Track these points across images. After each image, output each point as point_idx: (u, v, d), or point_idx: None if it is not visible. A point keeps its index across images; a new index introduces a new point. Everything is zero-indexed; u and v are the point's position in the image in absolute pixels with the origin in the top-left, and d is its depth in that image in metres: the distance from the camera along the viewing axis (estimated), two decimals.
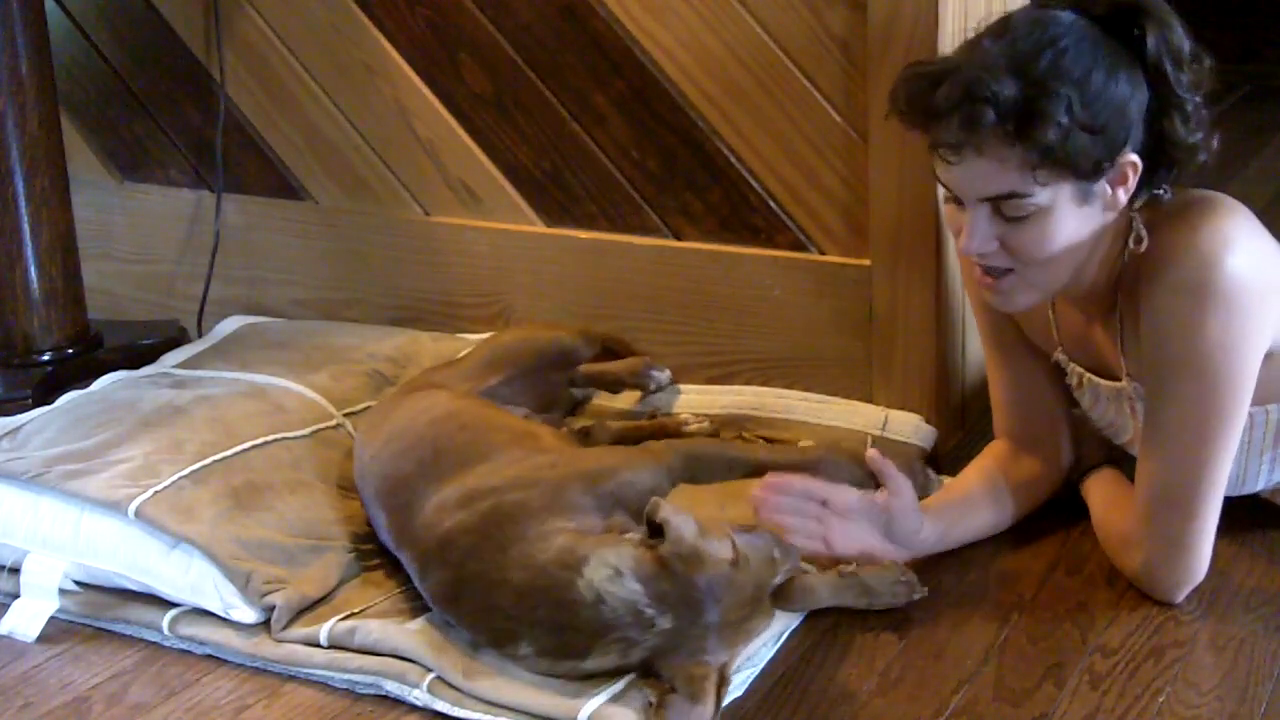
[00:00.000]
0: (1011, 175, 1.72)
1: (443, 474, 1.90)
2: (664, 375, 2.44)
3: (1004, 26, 1.76)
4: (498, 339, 2.42)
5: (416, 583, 1.88)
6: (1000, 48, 1.72)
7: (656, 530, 1.69)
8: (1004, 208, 1.75)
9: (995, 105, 1.68)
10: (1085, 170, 1.72)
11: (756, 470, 1.95)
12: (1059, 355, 2.03)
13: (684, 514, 1.70)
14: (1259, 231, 1.82)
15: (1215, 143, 1.79)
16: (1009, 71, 1.69)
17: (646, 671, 1.70)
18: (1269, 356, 1.82)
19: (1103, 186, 1.76)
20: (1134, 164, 1.75)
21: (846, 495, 1.92)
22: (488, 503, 1.81)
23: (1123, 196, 1.77)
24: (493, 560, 1.75)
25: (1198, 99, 1.76)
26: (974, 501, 2.03)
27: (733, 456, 1.94)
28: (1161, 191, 1.82)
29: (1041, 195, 1.73)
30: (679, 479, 1.91)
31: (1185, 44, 1.75)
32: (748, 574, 1.69)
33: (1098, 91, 1.70)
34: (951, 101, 1.71)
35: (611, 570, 1.67)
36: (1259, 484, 2.00)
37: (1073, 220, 1.76)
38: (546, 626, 1.71)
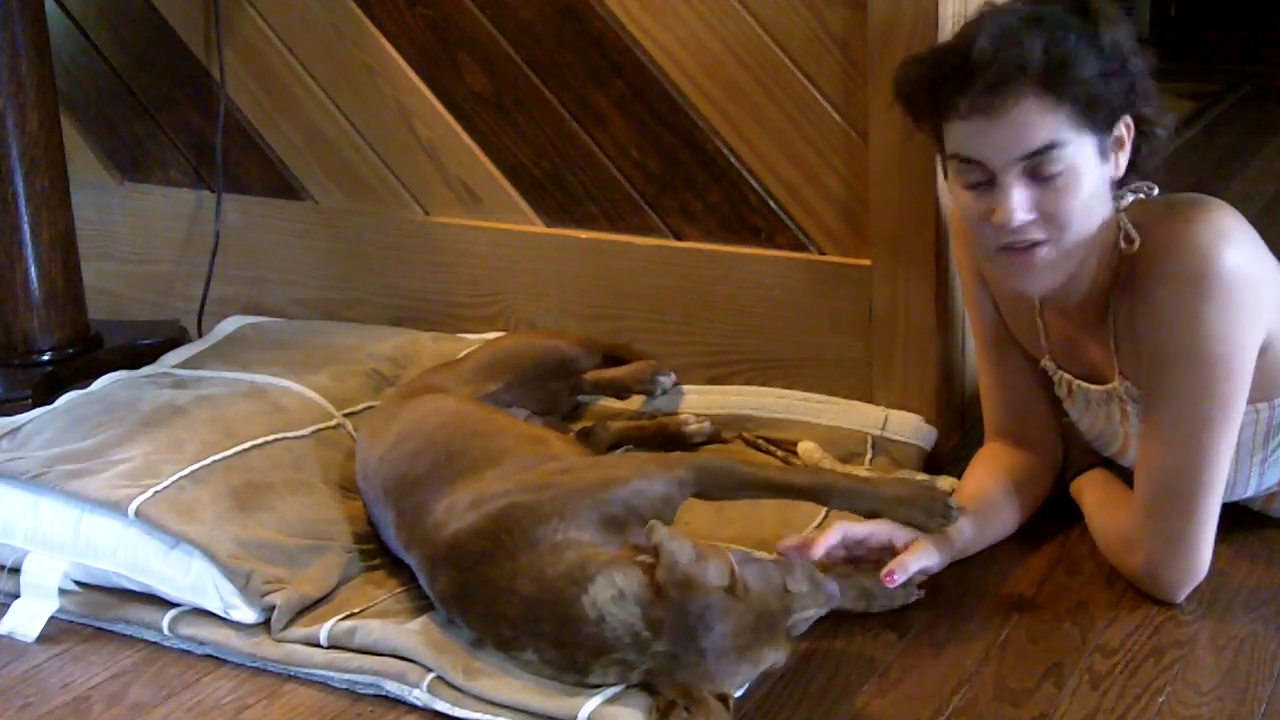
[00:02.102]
0: (1049, 123, 1.75)
1: (455, 477, 1.90)
2: (669, 379, 2.43)
3: (994, 9, 1.82)
4: (498, 344, 2.41)
5: (425, 584, 1.87)
6: (1007, 16, 1.78)
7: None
8: (1038, 167, 1.76)
9: (1034, 50, 1.73)
10: (1105, 118, 1.78)
11: (766, 491, 1.93)
12: (1046, 362, 2.03)
13: (680, 538, 1.68)
14: (1249, 229, 1.84)
15: (1172, 123, 1.87)
16: (1030, 28, 1.76)
17: (650, 690, 1.70)
18: (1260, 353, 1.83)
19: (1112, 146, 1.81)
20: (1129, 125, 1.81)
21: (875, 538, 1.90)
22: (499, 506, 1.81)
23: (1122, 161, 1.83)
24: (502, 567, 1.75)
25: (1151, 81, 1.84)
26: (995, 504, 2.03)
27: (745, 475, 1.92)
28: (1144, 192, 1.86)
29: (1073, 145, 1.76)
30: (690, 492, 1.89)
31: (1133, 33, 1.82)
32: (747, 602, 1.66)
33: (1103, 45, 1.77)
34: (987, 54, 1.74)
35: (616, 591, 1.66)
36: (1250, 489, 2.00)
37: (1095, 176, 1.79)
38: (550, 640, 1.71)
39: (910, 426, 2.28)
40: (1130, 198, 1.87)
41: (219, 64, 2.73)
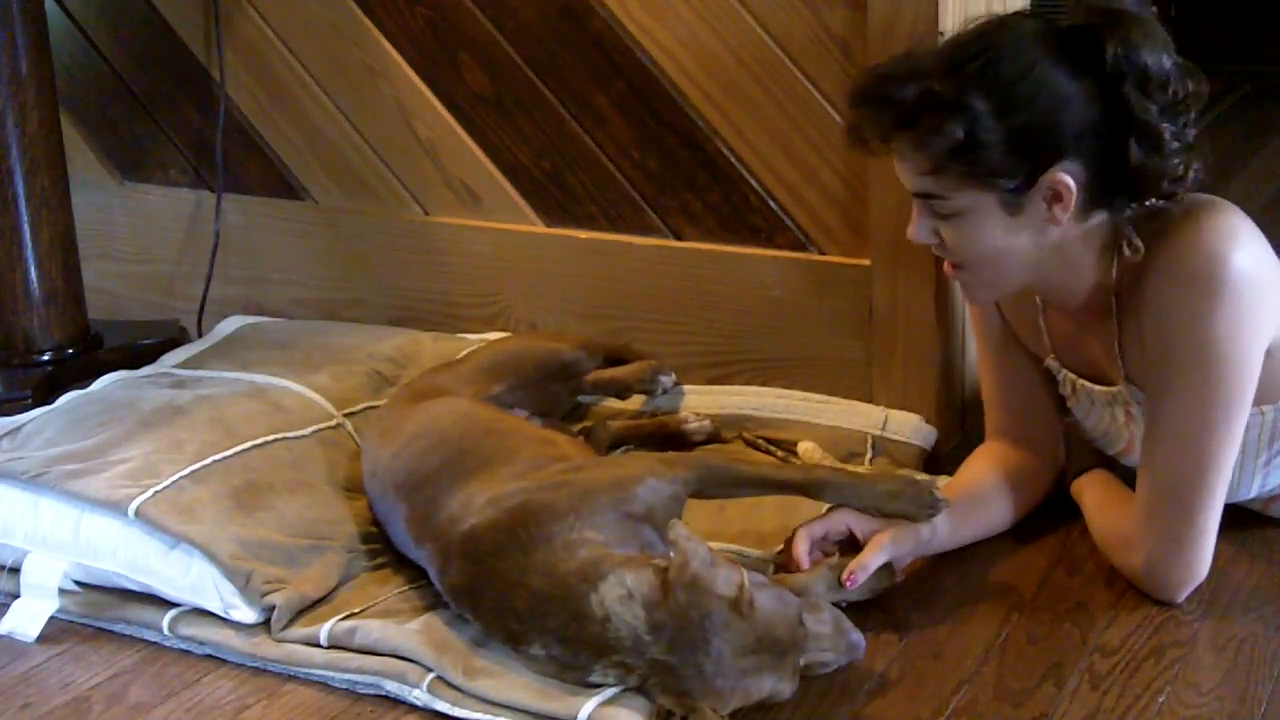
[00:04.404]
0: (923, 174, 1.76)
1: (467, 473, 1.90)
2: (669, 379, 2.43)
3: (965, 28, 1.81)
4: (500, 346, 2.41)
5: (435, 577, 1.87)
6: (940, 50, 1.79)
7: None
8: (931, 203, 1.79)
9: (892, 108, 1.73)
10: (1002, 182, 1.73)
11: (762, 487, 1.94)
12: (1050, 361, 2.03)
13: (697, 541, 1.68)
14: (1256, 231, 1.83)
15: (1195, 171, 1.76)
16: (930, 74, 1.73)
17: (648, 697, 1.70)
18: (1267, 355, 1.83)
19: (1037, 202, 1.75)
20: (1065, 183, 1.73)
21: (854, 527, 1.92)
22: (515, 501, 1.81)
23: (1061, 214, 1.75)
24: (515, 561, 1.75)
25: (1170, 124, 1.73)
26: (982, 497, 2.03)
27: (741, 472, 1.93)
28: (1150, 206, 1.79)
29: (957, 199, 1.76)
30: (692, 490, 1.90)
31: (1158, 65, 1.71)
32: (750, 621, 1.64)
33: (1021, 104, 1.70)
34: (861, 99, 1.78)
35: (625, 591, 1.66)
36: (1253, 490, 2.00)
37: (999, 229, 1.77)
38: (556, 636, 1.71)
39: (910, 426, 2.28)
40: (1129, 211, 1.84)
41: (219, 64, 2.73)
